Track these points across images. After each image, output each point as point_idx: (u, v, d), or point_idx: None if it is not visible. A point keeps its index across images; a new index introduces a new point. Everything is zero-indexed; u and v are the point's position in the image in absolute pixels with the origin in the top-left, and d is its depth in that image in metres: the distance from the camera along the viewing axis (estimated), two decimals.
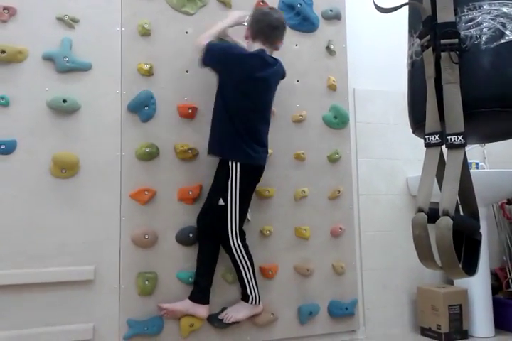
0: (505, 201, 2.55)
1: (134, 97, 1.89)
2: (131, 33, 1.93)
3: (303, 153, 2.13)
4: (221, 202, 1.81)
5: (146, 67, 1.91)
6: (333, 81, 2.23)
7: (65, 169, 1.78)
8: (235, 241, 1.82)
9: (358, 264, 2.26)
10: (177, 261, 1.89)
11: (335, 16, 2.28)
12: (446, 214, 1.02)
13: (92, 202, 1.82)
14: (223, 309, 1.92)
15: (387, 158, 2.40)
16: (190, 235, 1.90)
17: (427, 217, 1.07)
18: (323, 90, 2.23)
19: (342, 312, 2.14)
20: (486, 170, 2.46)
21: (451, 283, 2.36)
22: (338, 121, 2.23)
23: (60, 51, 1.80)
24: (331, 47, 2.25)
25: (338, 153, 2.21)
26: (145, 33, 1.93)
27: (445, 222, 1.01)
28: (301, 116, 2.15)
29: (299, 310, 2.06)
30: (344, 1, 2.33)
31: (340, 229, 2.18)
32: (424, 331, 2.25)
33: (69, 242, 1.77)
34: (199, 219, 1.91)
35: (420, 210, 1.08)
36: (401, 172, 2.42)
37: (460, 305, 2.18)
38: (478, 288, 2.22)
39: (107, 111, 1.86)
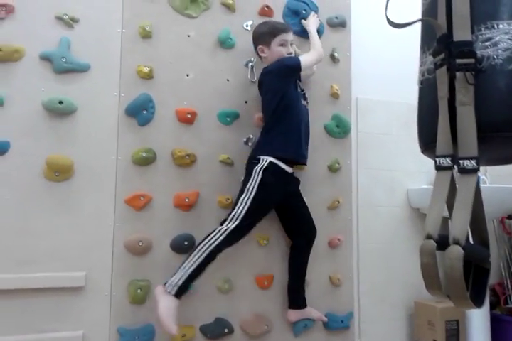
0: (505, 216, 2.51)
1: (133, 100, 1.84)
2: (132, 35, 1.88)
3: None
4: None
5: (146, 69, 1.87)
6: (336, 89, 2.20)
7: (59, 172, 1.73)
8: None
9: (355, 276, 2.22)
10: (171, 270, 1.82)
11: (340, 24, 2.25)
12: (456, 242, 0.97)
13: (86, 206, 1.76)
14: (217, 319, 1.88)
15: (388, 169, 2.36)
16: (185, 243, 1.85)
17: (436, 244, 1.02)
18: (326, 98, 2.19)
19: (337, 325, 2.09)
20: (487, 185, 2.42)
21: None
22: (340, 130, 2.19)
23: (58, 51, 1.75)
24: (335, 54, 2.21)
25: (338, 163, 2.17)
26: (146, 35, 1.89)
27: (456, 252, 0.96)
28: None
29: (293, 322, 2.01)
30: (350, 9, 2.30)
31: (339, 240, 2.13)
32: None
33: (60, 247, 1.71)
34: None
35: (429, 237, 1.03)
36: (401, 184, 2.38)
37: (457, 321, 2.15)
38: None
39: (104, 113, 1.82)
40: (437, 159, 1.08)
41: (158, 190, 1.86)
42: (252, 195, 1.78)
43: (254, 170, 1.81)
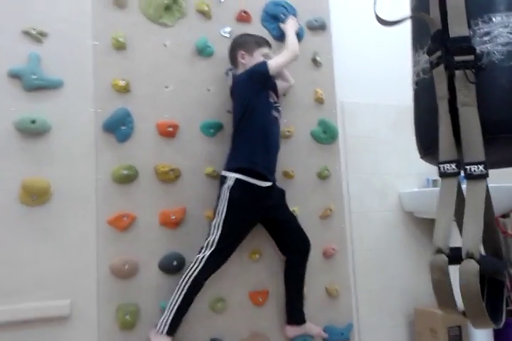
0: (499, 215, 2.46)
1: (110, 116, 1.76)
2: (105, 47, 1.80)
3: (292, 171, 2.02)
4: None
5: (122, 83, 1.78)
6: (321, 94, 2.13)
7: (36, 195, 1.63)
8: None
9: (353, 286, 2.15)
10: (161, 291, 1.75)
11: (320, 27, 2.19)
12: (470, 256, 0.89)
13: (67, 230, 1.67)
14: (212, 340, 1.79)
15: (378, 173, 2.30)
16: (174, 263, 1.76)
17: (447, 259, 0.93)
18: (311, 104, 2.13)
19: (337, 337, 2.02)
20: None
21: None
22: (327, 136, 2.13)
23: (28, 67, 1.66)
24: (317, 58, 2.15)
25: (327, 170, 2.11)
26: (120, 47, 1.80)
27: (471, 267, 0.88)
28: (289, 131, 2.03)
29: (292, 338, 1.93)
30: (329, 11, 2.24)
31: (333, 249, 2.06)
32: None
33: (42, 275, 1.62)
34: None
35: (439, 251, 0.95)
36: (393, 187, 2.32)
37: (459, 327, 2.09)
38: None
39: (80, 131, 1.73)
40: (441, 165, 1.01)
41: (142, 209, 1.77)
42: (222, 218, 1.71)
43: (222, 190, 1.75)
